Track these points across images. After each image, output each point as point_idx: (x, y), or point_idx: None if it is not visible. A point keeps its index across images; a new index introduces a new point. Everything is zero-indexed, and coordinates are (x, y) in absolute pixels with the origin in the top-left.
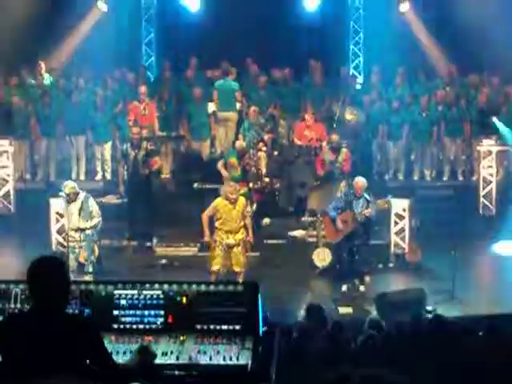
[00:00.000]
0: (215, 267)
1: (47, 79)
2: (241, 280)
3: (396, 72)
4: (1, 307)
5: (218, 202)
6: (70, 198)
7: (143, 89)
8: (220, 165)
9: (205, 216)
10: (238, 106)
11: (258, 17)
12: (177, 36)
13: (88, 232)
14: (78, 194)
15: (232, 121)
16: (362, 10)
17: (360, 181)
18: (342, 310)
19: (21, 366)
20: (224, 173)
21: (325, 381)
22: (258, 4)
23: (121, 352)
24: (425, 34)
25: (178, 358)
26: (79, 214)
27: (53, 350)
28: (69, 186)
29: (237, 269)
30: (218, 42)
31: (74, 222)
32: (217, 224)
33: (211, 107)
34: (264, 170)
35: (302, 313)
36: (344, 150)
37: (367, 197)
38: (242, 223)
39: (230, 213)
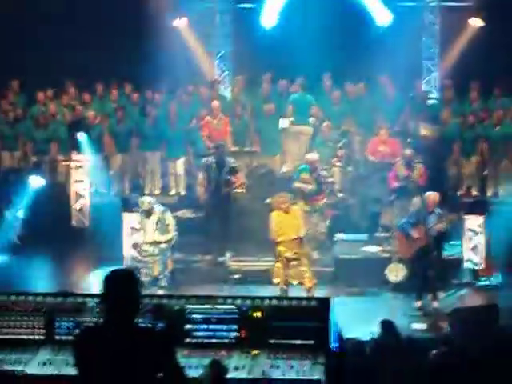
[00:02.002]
0: (276, 280)
1: None
2: (310, 295)
3: (470, 87)
4: (77, 320)
5: (272, 215)
6: (147, 213)
7: (216, 104)
8: (297, 183)
9: (272, 235)
10: (311, 120)
11: (332, 32)
12: (251, 51)
13: (163, 246)
14: (154, 208)
15: (305, 135)
16: (436, 24)
17: (431, 195)
18: (416, 325)
19: (98, 380)
20: (304, 187)
21: None
22: (332, 19)
23: (193, 366)
24: (500, 47)
25: (250, 373)
26: (155, 228)
27: (128, 363)
28: (146, 201)
29: (294, 282)
30: (292, 57)
31: (149, 235)
32: (275, 237)
33: (284, 122)
34: (338, 186)
35: (375, 328)
36: (419, 165)
37: (439, 212)
38: (302, 235)
39: (284, 222)
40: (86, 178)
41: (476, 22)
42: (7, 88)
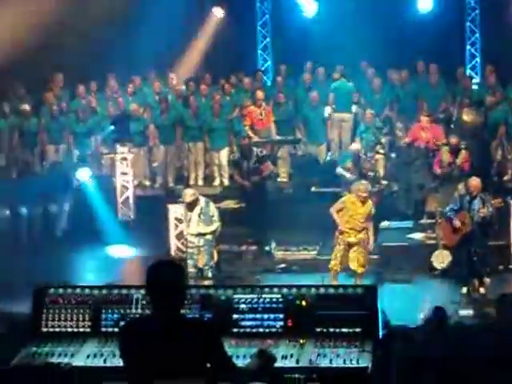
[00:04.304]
0: (333, 262)
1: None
2: (359, 281)
3: None
4: (122, 312)
5: (347, 198)
6: (191, 205)
7: (260, 93)
8: (340, 170)
9: (333, 210)
10: (354, 108)
11: (373, 19)
12: (292, 40)
13: (208, 237)
14: (197, 200)
15: (347, 122)
16: (478, 9)
17: (473, 181)
18: (462, 312)
19: (145, 371)
20: (346, 175)
21: None
22: (373, 6)
23: (241, 356)
24: None
25: (298, 362)
26: (199, 219)
27: (175, 354)
28: (189, 193)
29: (353, 267)
30: (333, 45)
31: (193, 227)
32: (343, 223)
33: (327, 110)
34: (382, 173)
35: (421, 315)
36: (463, 151)
37: (483, 197)
38: (365, 224)
39: (357, 210)
40: (130, 170)
41: None
42: (52, 81)
